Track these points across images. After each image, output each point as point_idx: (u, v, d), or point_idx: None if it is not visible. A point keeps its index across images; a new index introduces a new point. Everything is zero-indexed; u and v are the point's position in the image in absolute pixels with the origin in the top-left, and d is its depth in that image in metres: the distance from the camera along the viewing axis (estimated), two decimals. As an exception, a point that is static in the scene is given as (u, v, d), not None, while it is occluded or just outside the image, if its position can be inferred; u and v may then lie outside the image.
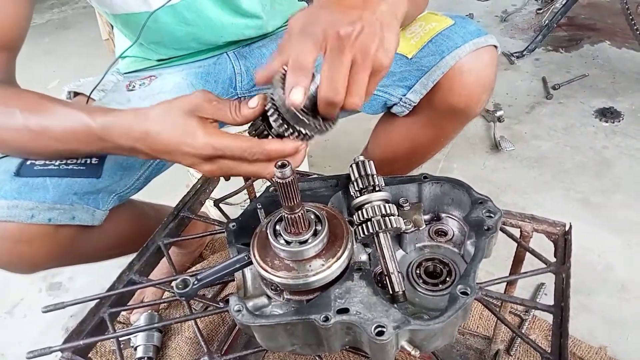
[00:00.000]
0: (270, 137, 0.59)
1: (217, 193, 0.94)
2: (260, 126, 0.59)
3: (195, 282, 0.57)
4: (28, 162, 0.74)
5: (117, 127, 0.63)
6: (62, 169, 0.75)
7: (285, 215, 0.54)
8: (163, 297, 1.16)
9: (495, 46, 0.87)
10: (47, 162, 0.75)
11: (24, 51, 0.81)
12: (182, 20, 0.87)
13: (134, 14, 0.84)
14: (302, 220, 0.55)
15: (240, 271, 0.63)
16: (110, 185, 0.82)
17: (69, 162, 0.76)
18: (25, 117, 0.67)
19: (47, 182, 0.74)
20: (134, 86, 0.94)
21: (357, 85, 0.52)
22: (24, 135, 0.68)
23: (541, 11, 2.56)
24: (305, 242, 0.55)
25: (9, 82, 0.76)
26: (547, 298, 1.18)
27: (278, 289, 0.59)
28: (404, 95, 0.91)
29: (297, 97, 0.51)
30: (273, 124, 0.57)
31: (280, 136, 0.58)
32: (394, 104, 0.93)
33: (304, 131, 0.56)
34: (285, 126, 0.56)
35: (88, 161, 0.78)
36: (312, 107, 0.56)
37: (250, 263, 0.58)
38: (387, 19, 0.54)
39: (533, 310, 1.12)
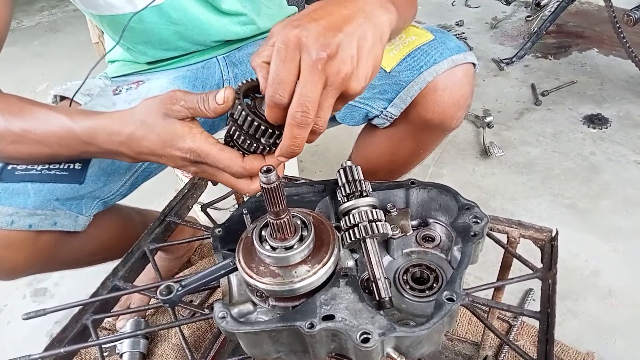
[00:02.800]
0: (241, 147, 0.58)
1: (204, 198, 0.94)
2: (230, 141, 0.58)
3: (180, 289, 0.56)
4: (9, 167, 0.73)
5: (101, 130, 0.63)
6: (44, 174, 0.74)
7: (271, 221, 0.54)
8: (150, 303, 1.15)
9: (474, 64, 0.87)
10: (29, 167, 0.73)
11: (13, 54, 0.80)
12: (169, 19, 0.86)
13: (119, 15, 0.84)
14: (287, 226, 0.54)
15: (226, 277, 0.62)
16: (94, 191, 0.80)
17: (51, 167, 0.75)
18: (7, 120, 0.66)
19: (29, 188, 0.72)
20: (120, 90, 0.93)
21: (323, 110, 0.51)
22: (6, 137, 0.67)
23: (530, 18, 2.59)
24: (291, 247, 0.55)
25: None
26: (536, 304, 1.18)
27: (263, 295, 0.58)
28: (385, 109, 0.91)
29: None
30: (240, 143, 0.57)
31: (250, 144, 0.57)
32: (375, 116, 0.93)
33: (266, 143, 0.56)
34: (249, 142, 0.56)
35: (71, 166, 0.77)
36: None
37: (236, 269, 0.58)
38: (368, 43, 0.51)
39: (521, 315, 1.12)
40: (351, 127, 1.02)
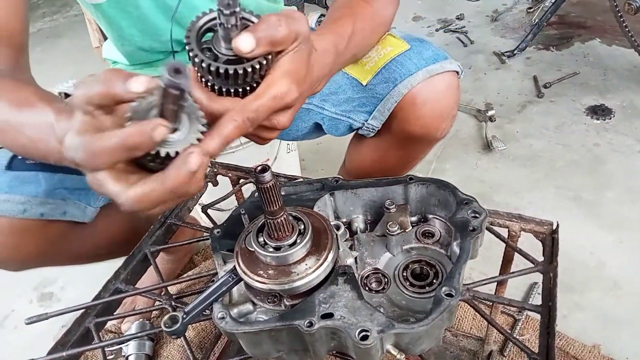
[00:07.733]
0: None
1: (205, 199, 0.94)
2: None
3: (184, 316, 0.54)
4: (19, 156, 0.74)
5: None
6: (54, 164, 0.75)
7: (269, 221, 0.54)
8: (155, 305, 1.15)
9: (457, 72, 0.84)
10: None
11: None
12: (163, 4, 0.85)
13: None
14: (285, 224, 0.54)
15: (225, 278, 0.62)
16: None
17: None
18: (9, 113, 0.59)
19: (39, 176, 0.74)
20: None
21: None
22: (6, 130, 0.61)
23: (532, 10, 2.57)
24: (294, 244, 0.55)
25: (16, 76, 0.68)
26: (540, 297, 1.17)
27: (276, 298, 0.58)
28: (366, 121, 0.90)
29: None
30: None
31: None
32: (359, 127, 0.93)
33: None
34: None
35: None
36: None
37: (238, 282, 0.58)
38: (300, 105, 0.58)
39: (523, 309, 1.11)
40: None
